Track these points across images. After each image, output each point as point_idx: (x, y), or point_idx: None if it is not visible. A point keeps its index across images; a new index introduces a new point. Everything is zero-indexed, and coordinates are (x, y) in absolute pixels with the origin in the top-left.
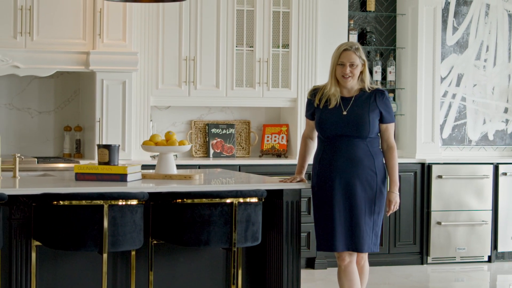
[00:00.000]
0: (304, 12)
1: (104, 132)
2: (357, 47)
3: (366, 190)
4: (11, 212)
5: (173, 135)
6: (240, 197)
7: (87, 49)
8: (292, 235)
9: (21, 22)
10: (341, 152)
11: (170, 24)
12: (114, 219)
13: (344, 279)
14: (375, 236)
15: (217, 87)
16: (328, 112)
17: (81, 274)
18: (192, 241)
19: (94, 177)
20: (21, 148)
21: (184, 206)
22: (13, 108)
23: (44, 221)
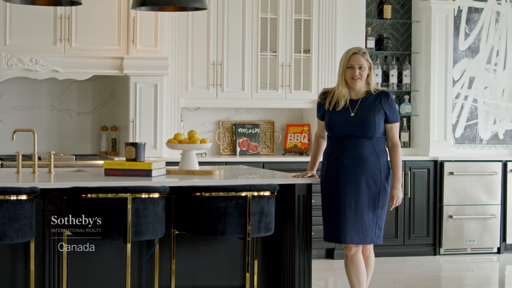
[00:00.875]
0: (324, 19)
1: (138, 131)
2: (365, 51)
3: (371, 186)
4: (45, 205)
5: (196, 134)
6: (254, 191)
7: (121, 55)
8: (303, 227)
9: (60, 29)
10: (348, 151)
11: (198, 31)
12: (137, 210)
13: (350, 268)
14: (378, 229)
15: (242, 89)
16: (336, 113)
17: (108, 262)
18: (210, 231)
19: (122, 172)
20: (62, 147)
21: (202, 199)
22: (54, 109)
23: (74, 213)
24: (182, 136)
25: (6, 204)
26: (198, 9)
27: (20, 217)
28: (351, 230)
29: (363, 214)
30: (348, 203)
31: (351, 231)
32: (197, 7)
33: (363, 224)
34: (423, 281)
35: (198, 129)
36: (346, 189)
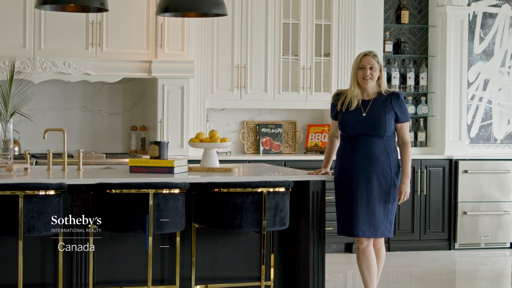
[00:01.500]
0: (343, 24)
1: (165, 131)
2: (375, 54)
3: (382, 183)
4: (73, 200)
5: (216, 133)
6: (270, 187)
7: (149, 58)
8: (317, 221)
9: (92, 35)
10: (360, 149)
11: (223, 36)
12: (159, 205)
13: (362, 260)
14: (389, 223)
15: (265, 91)
16: (349, 113)
17: (132, 254)
18: (227, 224)
19: (145, 169)
20: (94, 146)
21: (221, 194)
22: (87, 110)
23: (99, 207)
24: (204, 135)
25: (35, 199)
26: (219, 15)
27: (48, 211)
28: (363, 224)
29: (374, 209)
30: (360, 198)
31: (363, 225)
32: (218, 13)
33: (375, 219)
34: (438, 274)
35: (223, 129)
36: (358, 185)
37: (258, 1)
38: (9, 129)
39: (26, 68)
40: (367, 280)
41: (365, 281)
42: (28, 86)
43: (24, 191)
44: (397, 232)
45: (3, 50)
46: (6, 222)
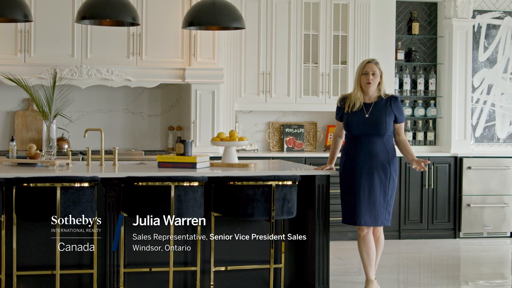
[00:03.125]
0: (358, 35)
1: (198, 131)
2: (377, 62)
3: (381, 177)
4: (106, 191)
5: (235, 133)
6: (278, 181)
7: (184, 66)
8: (322, 211)
9: (132, 45)
10: (363, 147)
11: (250, 45)
12: (179, 196)
13: (362, 246)
14: (387, 213)
15: (288, 95)
16: (353, 115)
17: (158, 239)
18: (240, 213)
19: (172, 165)
20: (135, 144)
21: (235, 187)
22: (129, 112)
23: (129, 198)
24: (224, 134)
25: (71, 190)
26: (237, 28)
27: (82, 200)
28: (365, 214)
29: (375, 200)
30: (363, 191)
31: (365, 215)
32: (237, 27)
33: (375, 209)
34: (444, 260)
35: (251, 129)
36: (361, 180)
37: (282, 15)
38: (52, 129)
39: (73, 75)
40: (366, 263)
41: (364, 264)
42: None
43: (62, 183)
44: (407, 222)
45: (54, 59)
46: (46, 210)
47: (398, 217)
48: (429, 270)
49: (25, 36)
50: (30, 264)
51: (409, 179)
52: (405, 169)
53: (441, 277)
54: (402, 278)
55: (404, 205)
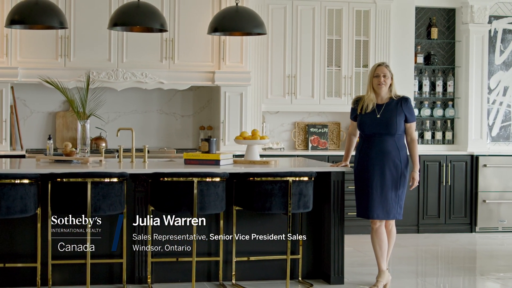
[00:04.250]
0: (379, 40)
1: (227, 130)
2: (387, 64)
3: (393, 173)
4: (135, 186)
5: (257, 132)
6: (295, 176)
7: (213, 69)
8: (337, 206)
9: (166, 50)
10: (375, 146)
11: (276, 50)
12: (202, 191)
13: (375, 239)
14: (399, 207)
15: (312, 97)
16: (366, 116)
17: (182, 230)
18: (259, 207)
19: (197, 162)
20: (168, 142)
21: (254, 182)
22: (163, 113)
23: (155, 192)
24: (247, 133)
25: (101, 185)
26: (259, 34)
27: (111, 195)
28: (377, 208)
29: (387, 195)
30: (375, 187)
31: (377, 209)
32: (258, 32)
33: (387, 204)
34: (461, 253)
35: (278, 128)
36: (374, 176)
37: (306, 21)
38: (86, 128)
39: (110, 78)
40: (379, 255)
41: (377, 256)
42: (103, 93)
43: (92, 178)
44: (425, 217)
45: (91, 63)
46: (78, 204)
47: (417, 212)
48: (445, 262)
49: (65, 41)
50: (64, 254)
51: (427, 176)
52: (423, 166)
53: (457, 269)
54: (420, 270)
55: (422, 201)
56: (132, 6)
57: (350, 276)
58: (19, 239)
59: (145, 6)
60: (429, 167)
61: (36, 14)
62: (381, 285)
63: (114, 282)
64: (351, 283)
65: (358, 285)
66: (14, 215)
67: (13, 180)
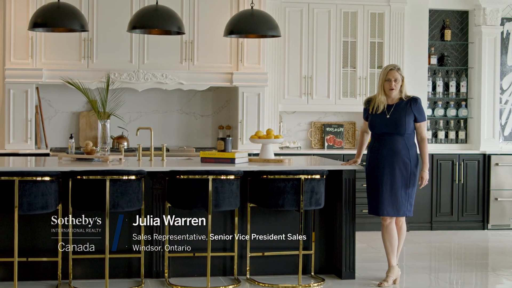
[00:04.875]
0: (394, 42)
1: (245, 130)
2: (399, 68)
3: (403, 172)
4: (153, 183)
5: (272, 131)
6: (307, 174)
7: (231, 71)
8: (349, 203)
9: (185, 51)
10: (386, 145)
11: (293, 51)
12: (216, 188)
13: (385, 235)
14: (409, 204)
15: (328, 97)
16: (377, 116)
17: (198, 226)
18: (272, 204)
19: (213, 160)
20: (188, 141)
21: (267, 180)
22: (183, 113)
23: (172, 189)
24: (261, 133)
25: (119, 182)
26: (274, 36)
27: (129, 192)
28: (387, 205)
29: (397, 193)
30: (385, 184)
31: (388, 206)
32: (273, 35)
33: (397, 201)
34: (474, 249)
35: (294, 128)
36: (384, 174)
37: (322, 23)
38: (106, 127)
39: (131, 79)
40: (389, 250)
41: (387, 251)
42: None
43: (111, 176)
44: (438, 214)
45: (113, 64)
46: (97, 200)
47: (430, 209)
48: (458, 258)
49: (88, 44)
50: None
51: (440, 175)
52: (436, 165)
53: (469, 265)
54: (432, 265)
55: (435, 199)
56: (151, 9)
57: (362, 272)
58: (41, 234)
59: (163, 10)
60: (442, 166)
61: (58, 17)
62: (391, 280)
63: (133, 276)
64: (362, 278)
65: (368, 280)
66: (36, 211)
67: (35, 178)
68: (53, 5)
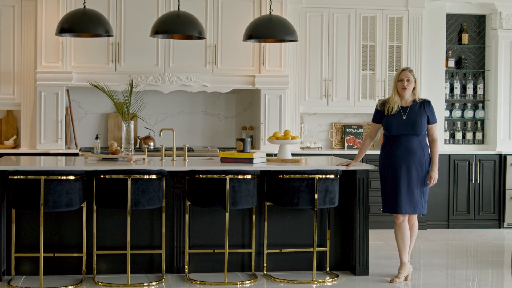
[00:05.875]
0: (412, 45)
1: (267, 130)
2: (411, 69)
3: (418, 171)
4: (174, 182)
5: (289, 132)
6: (321, 174)
7: (254, 73)
8: (362, 202)
9: (209, 55)
10: (402, 145)
11: (313, 55)
12: (234, 187)
13: (398, 232)
14: (424, 202)
15: (347, 99)
16: (392, 117)
17: (217, 224)
18: (287, 203)
19: (232, 160)
20: (212, 142)
21: (283, 179)
22: (207, 114)
23: (192, 188)
24: (279, 134)
25: (140, 181)
26: (291, 41)
27: (150, 190)
28: (405, 203)
29: (413, 191)
30: (403, 183)
31: (405, 204)
32: (291, 39)
33: (413, 199)
34: (490, 247)
35: (315, 129)
36: (401, 173)
37: (342, 27)
38: (130, 128)
39: (157, 82)
40: (401, 247)
41: (399, 249)
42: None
43: (133, 175)
44: (455, 213)
45: (140, 67)
46: (120, 198)
47: (447, 208)
48: (473, 256)
49: (116, 48)
50: (107, 244)
51: (457, 174)
52: (453, 165)
53: (485, 263)
54: (449, 263)
55: (452, 198)
56: (173, 15)
57: (376, 268)
58: (67, 231)
59: (185, 15)
60: (459, 166)
61: (84, 23)
62: (402, 276)
63: (154, 271)
64: (375, 274)
65: (381, 277)
66: (60, 208)
67: (60, 177)
68: (79, 11)
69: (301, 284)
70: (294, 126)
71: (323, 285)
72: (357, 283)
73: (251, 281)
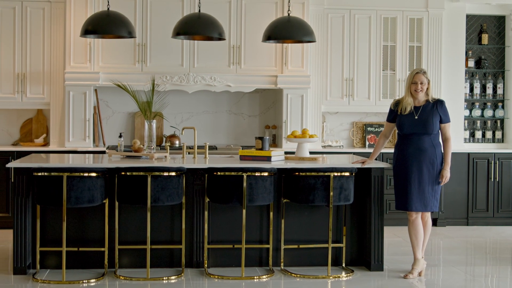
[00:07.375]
0: (432, 45)
1: (289, 129)
2: (425, 71)
3: (429, 169)
4: (194, 179)
5: (307, 131)
6: (336, 172)
7: (276, 74)
8: (377, 199)
9: (233, 56)
10: (413, 144)
11: (335, 55)
12: (251, 184)
13: (411, 230)
14: (436, 200)
15: (368, 98)
16: (405, 117)
17: (235, 220)
18: (303, 199)
19: (251, 158)
20: (236, 140)
21: (299, 177)
22: (231, 113)
23: (211, 185)
24: (297, 132)
25: (160, 178)
26: (309, 41)
27: (169, 187)
28: (416, 201)
29: (424, 189)
30: (413, 181)
31: (416, 201)
32: (309, 40)
33: (425, 197)
34: (508, 244)
35: (337, 128)
36: (412, 171)
37: (363, 28)
38: (152, 127)
39: (182, 82)
40: (414, 244)
41: (413, 245)
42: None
43: (152, 172)
44: (474, 210)
45: (165, 68)
46: (140, 195)
47: (467, 206)
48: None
49: (142, 49)
50: (129, 239)
51: (476, 173)
52: (473, 163)
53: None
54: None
55: (472, 196)
56: (193, 17)
57: (390, 264)
58: (90, 226)
59: (205, 17)
60: (478, 164)
61: (107, 24)
62: (416, 272)
63: (174, 266)
64: (390, 270)
65: (396, 272)
66: (82, 204)
67: (82, 173)
68: (103, 14)
69: (317, 279)
70: (316, 125)
71: (338, 280)
72: (371, 278)
73: (267, 275)
